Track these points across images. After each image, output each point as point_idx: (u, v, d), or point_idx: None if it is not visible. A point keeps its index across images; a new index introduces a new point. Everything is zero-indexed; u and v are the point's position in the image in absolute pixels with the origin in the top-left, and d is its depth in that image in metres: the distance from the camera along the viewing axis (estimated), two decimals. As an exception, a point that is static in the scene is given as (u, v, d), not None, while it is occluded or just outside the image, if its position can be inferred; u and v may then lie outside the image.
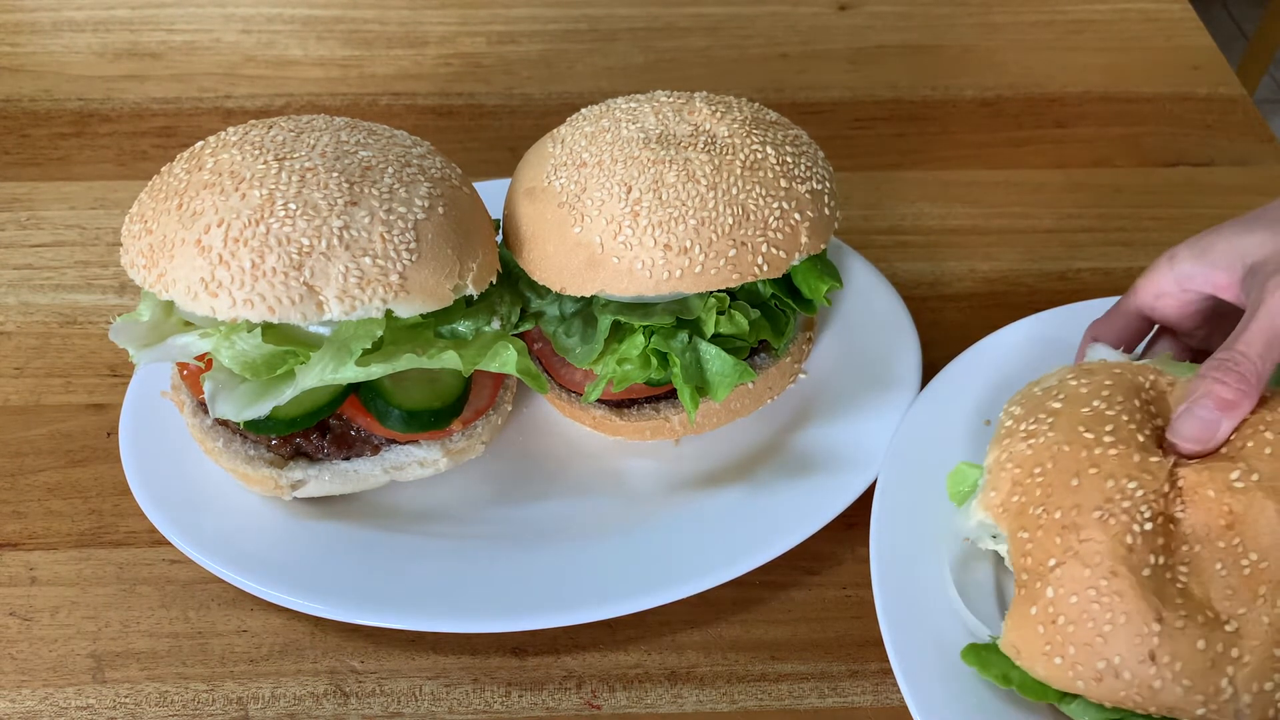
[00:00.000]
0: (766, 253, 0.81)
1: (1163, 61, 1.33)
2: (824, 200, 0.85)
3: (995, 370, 0.91)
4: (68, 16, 1.38)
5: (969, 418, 0.88)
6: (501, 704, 0.79)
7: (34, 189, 1.16)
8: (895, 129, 1.25)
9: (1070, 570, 0.66)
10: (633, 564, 0.81)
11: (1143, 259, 1.09)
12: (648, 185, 0.80)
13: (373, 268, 0.74)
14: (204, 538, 0.82)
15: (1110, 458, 0.69)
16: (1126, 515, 0.66)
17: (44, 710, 0.78)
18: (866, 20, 1.40)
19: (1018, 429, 0.74)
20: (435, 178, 0.80)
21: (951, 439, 0.87)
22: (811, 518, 0.83)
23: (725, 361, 0.83)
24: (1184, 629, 0.63)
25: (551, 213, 0.83)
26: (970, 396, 0.90)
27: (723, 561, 0.81)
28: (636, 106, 0.87)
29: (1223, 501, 0.66)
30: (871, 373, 0.93)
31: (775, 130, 0.86)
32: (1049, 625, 0.66)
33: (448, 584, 0.81)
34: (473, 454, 0.87)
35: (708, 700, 0.79)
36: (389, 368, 0.76)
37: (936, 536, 0.80)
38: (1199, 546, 0.66)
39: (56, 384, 0.98)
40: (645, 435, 0.89)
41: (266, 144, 0.78)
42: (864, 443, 0.88)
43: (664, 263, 0.79)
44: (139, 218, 0.78)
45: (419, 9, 1.40)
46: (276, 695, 0.79)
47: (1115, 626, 0.64)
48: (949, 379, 0.91)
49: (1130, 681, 0.63)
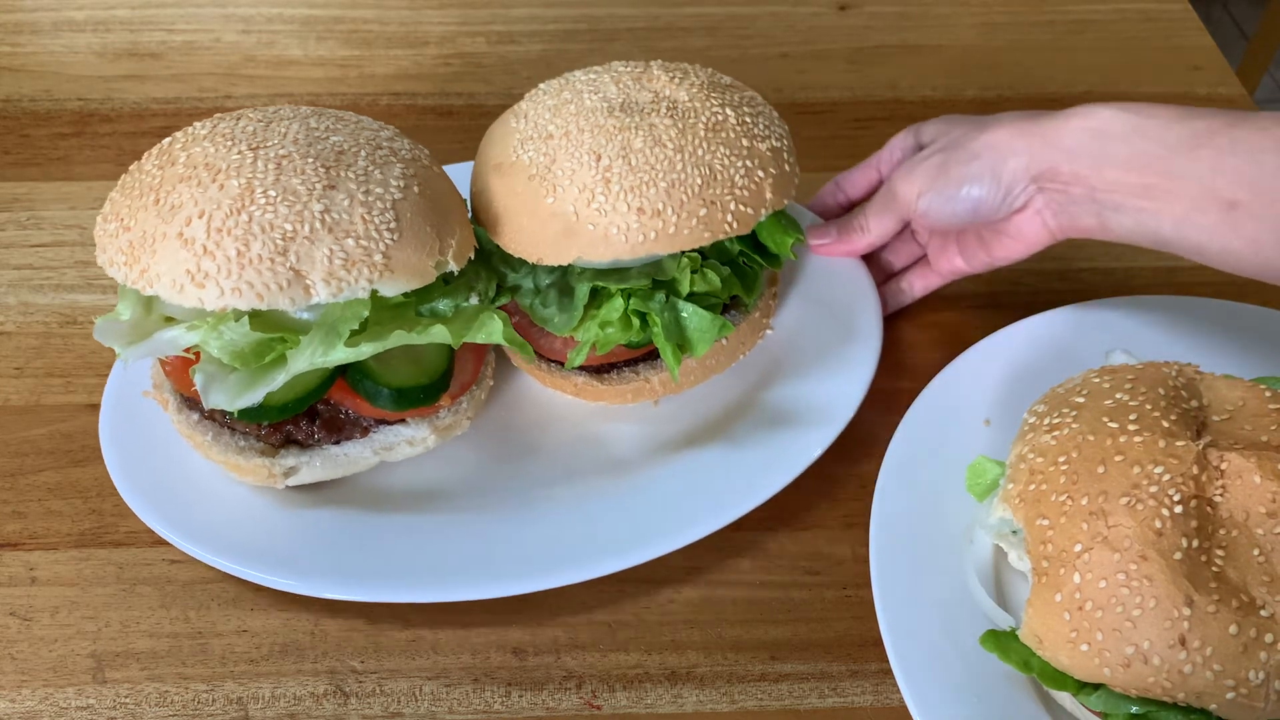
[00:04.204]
0: (735, 210, 0.84)
1: (1163, 61, 1.33)
2: (784, 157, 0.88)
3: (994, 371, 0.91)
4: (68, 16, 1.38)
5: (969, 418, 0.89)
6: (501, 704, 0.79)
7: (34, 189, 1.16)
8: (895, 129, 1.24)
9: (1099, 555, 0.66)
10: (621, 522, 0.84)
11: (1143, 259, 1.09)
12: (616, 152, 0.82)
13: (356, 249, 0.75)
14: (198, 531, 0.82)
15: (1136, 445, 0.68)
16: (1154, 500, 0.66)
17: (44, 710, 0.78)
18: (866, 20, 1.40)
19: (1041, 424, 0.74)
20: (407, 159, 0.82)
21: (952, 439, 0.87)
22: (787, 468, 0.86)
23: (703, 318, 0.86)
24: (1216, 614, 0.62)
25: (522, 186, 0.84)
26: (970, 397, 0.90)
27: (707, 514, 0.83)
28: (595, 77, 0.89)
29: (1269, 489, 0.65)
30: (834, 327, 0.96)
31: (731, 92, 0.89)
32: (1075, 612, 0.66)
33: (442, 557, 0.82)
34: (459, 430, 0.89)
35: (708, 700, 0.79)
36: (379, 346, 0.77)
37: (942, 534, 0.80)
38: (1236, 531, 0.65)
39: (56, 384, 0.98)
40: (627, 398, 0.92)
41: (238, 135, 0.78)
42: (832, 394, 0.91)
43: (638, 226, 0.81)
44: (114, 216, 0.78)
45: (419, 9, 1.40)
46: (276, 695, 0.79)
47: (1145, 611, 0.63)
48: (948, 380, 0.91)
49: (1159, 667, 0.63)
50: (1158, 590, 0.64)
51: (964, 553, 0.80)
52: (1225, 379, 0.75)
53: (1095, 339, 0.93)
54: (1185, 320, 0.96)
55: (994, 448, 0.84)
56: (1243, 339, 0.94)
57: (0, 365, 0.99)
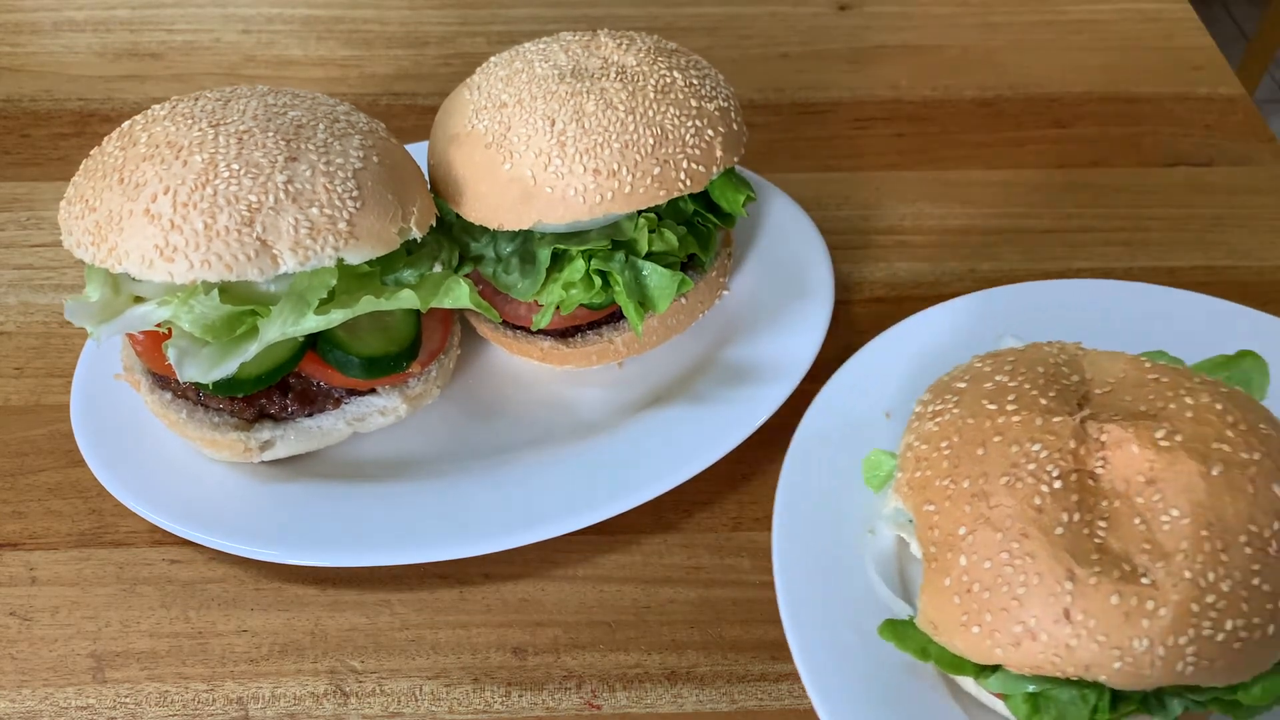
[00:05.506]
0: (688, 168, 0.86)
1: (1163, 61, 1.33)
2: (731, 116, 0.90)
3: (894, 364, 0.91)
4: (68, 16, 1.38)
5: (871, 413, 0.89)
6: (501, 704, 0.79)
7: (34, 189, 1.16)
8: (895, 129, 1.25)
9: (982, 536, 0.66)
10: (591, 480, 0.86)
11: (1142, 259, 1.09)
12: (570, 116, 0.84)
13: (321, 217, 0.76)
14: (178, 507, 0.83)
15: (1014, 424, 0.69)
16: (1033, 477, 0.66)
17: (44, 710, 0.78)
18: (866, 20, 1.40)
19: (925, 412, 0.75)
20: (364, 130, 0.83)
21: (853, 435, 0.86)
22: (747, 422, 0.89)
23: (663, 275, 0.88)
24: (1097, 585, 0.62)
25: (480, 154, 0.86)
26: (869, 392, 0.90)
27: (672, 468, 0.86)
28: (545, 47, 0.91)
29: (1146, 457, 0.66)
30: (789, 286, 1.00)
31: (677, 56, 0.91)
32: (964, 594, 0.66)
33: (419, 521, 0.83)
34: (430, 399, 0.91)
35: (708, 700, 0.79)
36: (349, 313, 0.78)
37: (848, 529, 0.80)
38: (1118, 502, 0.65)
39: (56, 384, 0.98)
40: (592, 360, 0.94)
41: (197, 113, 0.79)
42: (788, 351, 0.94)
43: (595, 187, 0.83)
44: (78, 199, 0.78)
45: (419, 9, 1.40)
46: (276, 695, 0.79)
47: (1029, 588, 0.64)
48: (845, 377, 0.91)
49: (1047, 643, 0.63)
50: (1040, 567, 0.64)
51: (865, 545, 0.80)
52: (1108, 354, 0.74)
53: (993, 326, 0.93)
54: (1080, 302, 0.96)
55: (896, 440, 0.83)
56: (1135, 315, 0.95)
57: (0, 365, 0.99)
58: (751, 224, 1.06)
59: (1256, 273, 1.08)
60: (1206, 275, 1.08)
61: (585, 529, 0.84)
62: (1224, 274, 1.08)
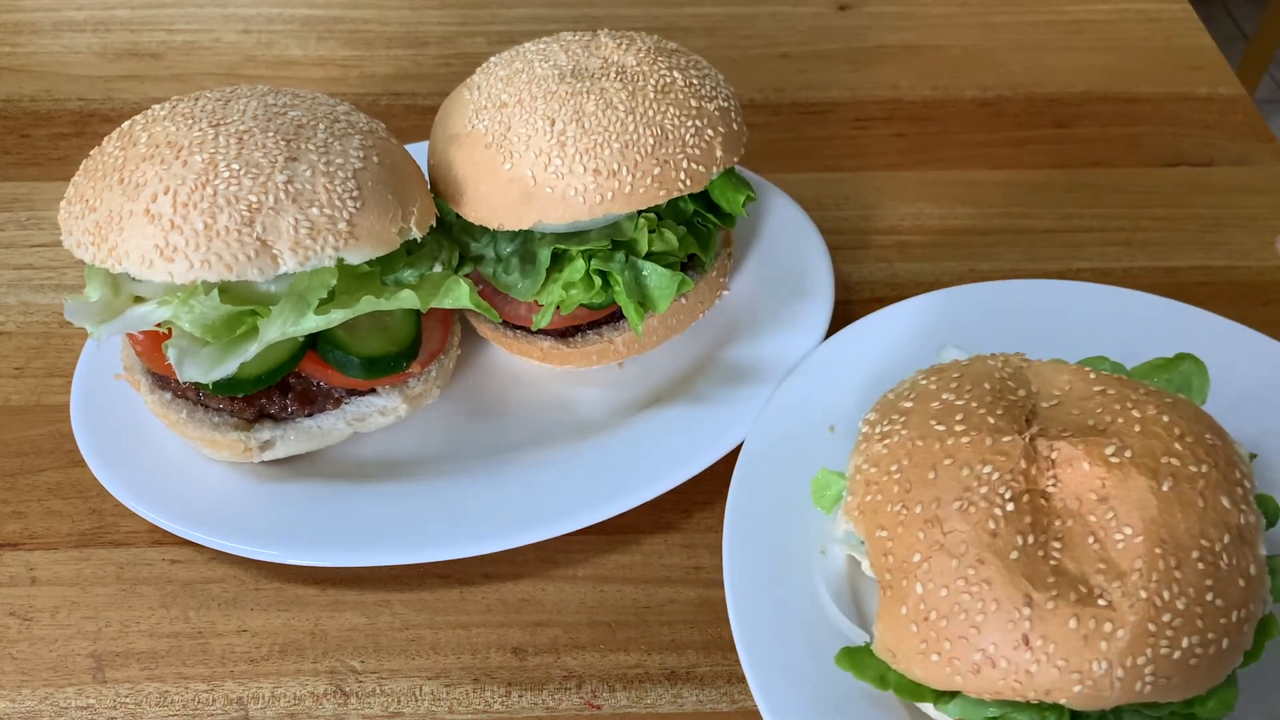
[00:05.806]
0: (688, 168, 0.86)
1: (1163, 61, 1.33)
2: (731, 116, 0.90)
3: (836, 376, 0.91)
4: (68, 16, 1.38)
5: (816, 427, 0.88)
6: (501, 704, 0.79)
7: (34, 189, 1.16)
8: (895, 129, 1.25)
9: (937, 563, 0.65)
10: (591, 479, 0.86)
11: (1142, 259, 1.09)
12: (570, 116, 0.84)
13: (321, 217, 0.76)
14: (179, 508, 0.83)
15: (964, 446, 0.68)
16: (986, 501, 0.65)
17: (44, 710, 0.78)
18: (866, 20, 1.40)
19: (873, 433, 0.74)
20: (364, 130, 0.83)
21: (800, 450, 0.85)
22: (747, 422, 0.89)
23: (663, 275, 0.88)
24: (1055, 609, 0.62)
25: (480, 154, 0.86)
26: (812, 404, 0.89)
27: (672, 468, 0.86)
28: (545, 47, 0.91)
29: (1097, 474, 0.65)
30: (788, 286, 1.00)
31: (677, 56, 0.91)
32: (922, 623, 0.65)
33: (419, 520, 0.83)
34: (430, 399, 0.91)
35: (708, 700, 0.79)
36: (349, 312, 0.78)
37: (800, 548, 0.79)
38: (1071, 521, 0.65)
39: (56, 384, 0.98)
40: (592, 360, 0.94)
41: (197, 114, 0.79)
42: (788, 351, 0.94)
43: (595, 187, 0.83)
44: (78, 199, 0.78)
45: (419, 9, 1.40)
46: (276, 695, 0.79)
47: (987, 615, 0.63)
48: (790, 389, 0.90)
49: (1007, 670, 0.63)
50: (997, 593, 0.63)
51: (816, 567, 0.79)
52: (1052, 364, 0.74)
53: (932, 333, 0.92)
54: (1021, 304, 0.96)
55: (842, 456, 0.81)
56: (1076, 318, 0.95)
57: (0, 365, 0.99)
58: (751, 224, 1.06)
59: (1256, 273, 1.08)
60: (1206, 275, 1.08)
61: (585, 529, 0.84)
62: (1223, 274, 1.08)
